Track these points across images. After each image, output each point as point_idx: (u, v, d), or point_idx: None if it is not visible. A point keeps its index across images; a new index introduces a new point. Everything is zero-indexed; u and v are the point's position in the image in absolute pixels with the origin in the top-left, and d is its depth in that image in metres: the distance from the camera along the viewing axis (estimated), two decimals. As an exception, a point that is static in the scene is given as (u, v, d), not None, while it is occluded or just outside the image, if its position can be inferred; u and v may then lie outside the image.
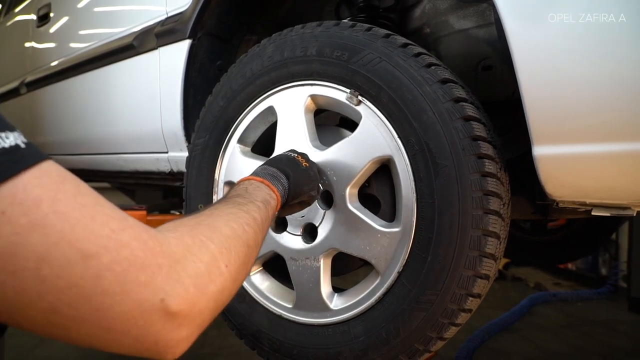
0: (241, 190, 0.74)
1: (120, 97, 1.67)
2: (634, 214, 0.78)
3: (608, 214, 0.79)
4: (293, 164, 0.87)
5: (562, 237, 2.35)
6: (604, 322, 3.51)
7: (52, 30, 2.17)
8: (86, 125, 1.91)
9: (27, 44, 2.41)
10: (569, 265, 4.70)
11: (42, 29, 2.24)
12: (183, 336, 0.45)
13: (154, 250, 0.44)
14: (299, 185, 0.85)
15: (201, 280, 0.47)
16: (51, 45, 2.20)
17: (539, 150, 0.76)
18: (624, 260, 4.21)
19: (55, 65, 2.10)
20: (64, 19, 2.07)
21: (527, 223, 2.44)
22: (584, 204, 0.80)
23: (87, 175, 2.26)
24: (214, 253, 0.51)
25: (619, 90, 0.67)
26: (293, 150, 0.93)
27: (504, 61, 1.08)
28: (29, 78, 2.33)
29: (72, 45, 2.00)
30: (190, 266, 0.46)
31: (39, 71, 2.24)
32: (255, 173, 0.83)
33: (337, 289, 1.00)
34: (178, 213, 2.29)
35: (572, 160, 0.73)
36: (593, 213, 0.80)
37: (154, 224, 1.55)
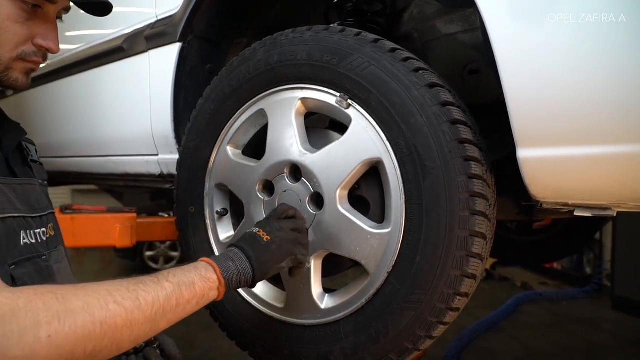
0: (174, 269, 0.74)
1: (110, 99, 1.67)
2: (615, 215, 0.81)
3: (590, 215, 0.81)
4: (253, 241, 0.86)
5: (547, 237, 2.39)
6: (589, 320, 3.58)
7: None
8: (75, 128, 1.89)
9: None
10: (555, 265, 4.77)
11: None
12: None
13: None
14: (263, 262, 0.84)
15: (6, 343, 0.51)
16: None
17: (523, 153, 0.78)
18: (608, 260, 4.28)
19: (43, 67, 2.08)
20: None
21: (513, 223, 2.47)
22: (567, 205, 0.82)
23: (76, 177, 2.24)
24: (40, 321, 0.54)
25: (598, 95, 0.70)
26: (260, 223, 0.92)
27: (489, 65, 1.10)
28: (16, 80, 2.30)
29: (61, 47, 1.98)
30: (3, 327, 0.51)
31: (26, 73, 2.22)
32: (217, 255, 0.85)
33: (327, 289, 1.01)
34: (167, 215, 2.28)
35: (554, 162, 0.75)
36: (575, 213, 0.83)
37: (143, 227, 1.55)
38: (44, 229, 0.85)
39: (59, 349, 0.55)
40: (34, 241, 0.81)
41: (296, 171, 0.99)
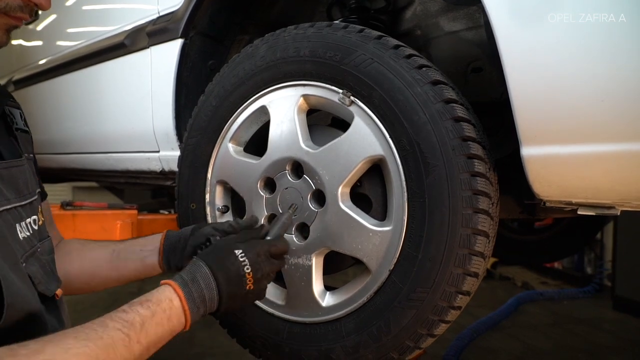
0: (148, 313, 0.67)
1: (111, 96, 1.66)
2: (618, 213, 0.81)
3: (593, 213, 0.81)
4: (236, 285, 0.77)
5: (548, 237, 2.39)
6: (589, 320, 3.57)
7: (40, 27, 2.15)
8: (76, 124, 1.89)
9: (15, 42, 2.38)
10: (556, 265, 4.77)
11: (30, 26, 2.21)
12: None
13: None
14: (229, 309, 0.78)
15: None
16: (40, 43, 2.18)
17: (527, 151, 0.78)
18: (608, 260, 4.28)
19: (44, 64, 2.09)
20: (53, 17, 2.06)
21: (514, 222, 2.47)
22: (570, 204, 0.82)
23: (77, 174, 2.24)
24: None
25: (604, 92, 0.69)
26: (255, 259, 0.80)
27: (493, 63, 1.10)
28: (17, 76, 2.30)
29: (62, 43, 1.98)
30: None
31: (27, 69, 2.22)
32: (191, 284, 0.74)
33: (328, 287, 1.01)
34: (167, 212, 2.28)
35: (559, 160, 0.75)
36: (579, 212, 0.82)
37: (144, 224, 1.55)
38: (34, 217, 0.79)
39: None
40: (28, 234, 0.75)
41: (298, 168, 0.99)
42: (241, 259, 0.79)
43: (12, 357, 0.52)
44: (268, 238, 0.88)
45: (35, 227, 0.80)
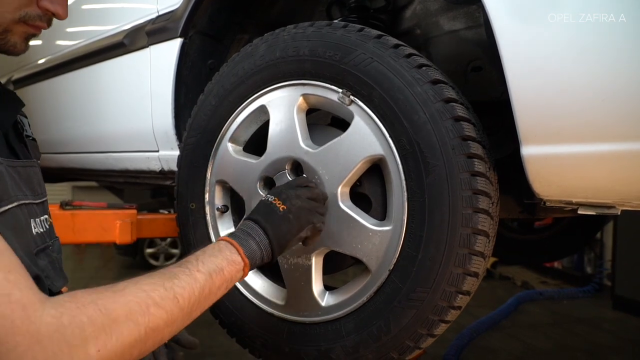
0: (199, 252, 0.75)
1: (110, 95, 1.66)
2: (619, 213, 0.80)
3: (594, 213, 0.81)
4: (269, 212, 0.84)
5: (548, 236, 2.38)
6: (589, 320, 3.57)
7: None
8: (76, 124, 1.89)
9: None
10: (555, 264, 4.77)
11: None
12: None
13: (17, 329, 0.49)
14: (281, 236, 0.83)
15: None
16: (39, 42, 2.17)
17: (527, 150, 0.77)
18: (608, 259, 4.28)
19: (43, 63, 2.08)
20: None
21: (514, 222, 2.47)
22: (571, 203, 0.82)
23: (77, 174, 2.24)
24: (88, 337, 0.54)
25: (604, 92, 0.69)
26: (274, 191, 0.90)
27: (493, 62, 1.09)
28: (16, 75, 2.30)
29: (61, 42, 1.98)
30: (52, 348, 0.51)
31: (27, 68, 2.22)
32: (235, 231, 0.83)
33: (328, 287, 1.00)
34: (167, 212, 2.28)
35: (559, 160, 0.75)
36: (579, 212, 0.82)
37: (144, 223, 1.54)
38: (46, 216, 0.82)
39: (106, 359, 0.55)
40: (42, 230, 0.78)
41: (297, 168, 0.99)
42: (265, 197, 0.89)
43: (94, 290, 0.58)
44: None
45: (47, 226, 0.81)
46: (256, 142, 1.09)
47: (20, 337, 0.49)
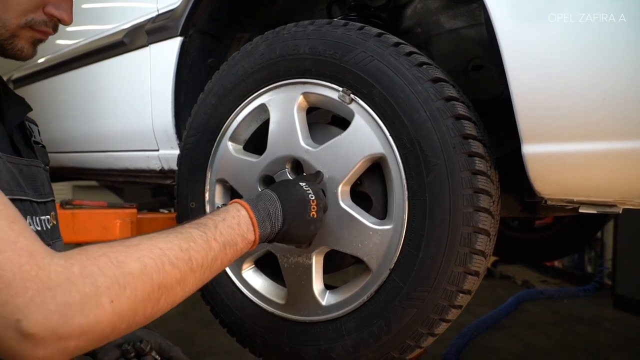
0: (218, 218, 0.72)
1: (110, 94, 1.66)
2: (620, 211, 0.80)
3: (595, 212, 0.80)
4: (302, 209, 0.83)
5: (549, 235, 2.38)
6: (589, 319, 3.57)
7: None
8: (76, 123, 1.89)
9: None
10: (556, 263, 4.77)
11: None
12: (39, 356, 0.48)
13: (26, 274, 0.47)
14: (292, 235, 0.83)
15: (69, 311, 0.49)
16: (39, 41, 2.17)
17: (528, 149, 0.77)
18: (609, 258, 4.28)
19: (42, 62, 2.08)
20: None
21: (515, 221, 2.47)
22: (572, 202, 0.81)
23: (77, 173, 2.24)
24: (100, 287, 0.51)
25: (606, 90, 0.69)
26: (314, 189, 0.87)
27: (494, 61, 1.09)
28: (16, 75, 2.29)
29: (61, 41, 1.97)
30: (63, 295, 0.49)
31: (26, 68, 2.21)
32: (256, 201, 0.80)
33: (328, 286, 1.00)
34: (167, 211, 2.27)
35: (560, 158, 0.74)
36: (580, 210, 0.82)
37: (144, 222, 1.54)
38: (48, 217, 0.81)
39: (122, 313, 0.53)
40: (39, 229, 0.77)
41: (298, 167, 0.99)
42: (305, 188, 0.85)
43: (105, 244, 0.56)
44: None
45: (49, 226, 0.81)
46: (256, 141, 1.09)
47: (30, 282, 0.47)
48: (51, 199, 0.85)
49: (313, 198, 0.85)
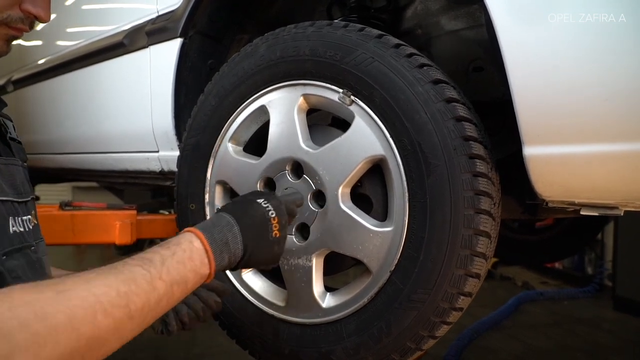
0: (167, 252, 0.65)
1: (110, 95, 1.65)
2: (622, 214, 0.80)
3: (596, 214, 0.80)
4: (263, 230, 0.76)
5: (549, 237, 2.38)
6: (589, 320, 3.56)
7: (39, 27, 2.14)
8: (75, 124, 1.88)
9: (14, 42, 2.37)
10: (556, 265, 4.76)
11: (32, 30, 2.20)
12: None
13: None
14: (255, 261, 0.77)
15: None
16: (39, 42, 2.17)
17: (530, 151, 0.77)
18: (609, 260, 4.27)
19: (43, 63, 2.08)
20: (53, 16, 2.05)
21: (515, 223, 2.46)
22: (573, 204, 0.81)
23: (76, 174, 2.23)
24: (16, 346, 0.46)
25: (607, 92, 0.68)
26: (276, 205, 0.80)
27: (494, 62, 1.09)
28: (16, 76, 2.29)
29: (61, 43, 1.97)
30: None
31: (27, 69, 2.21)
32: (212, 228, 0.72)
33: (329, 288, 1.00)
34: (167, 213, 2.27)
35: (562, 160, 0.74)
36: (582, 212, 0.81)
37: (143, 224, 1.54)
38: (29, 216, 0.79)
39: None
40: (22, 229, 0.74)
41: (298, 168, 0.98)
42: (264, 205, 0.78)
43: (34, 288, 0.51)
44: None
45: (30, 226, 0.79)
46: (256, 143, 1.08)
47: None
48: (31, 197, 0.82)
49: (274, 215, 0.78)
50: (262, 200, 0.80)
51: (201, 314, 0.89)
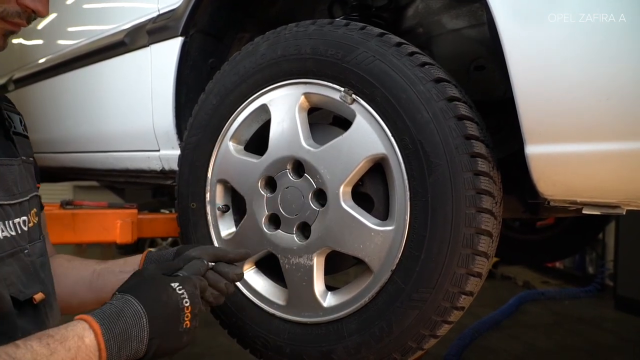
0: (45, 351, 0.56)
1: (111, 94, 1.65)
2: (624, 213, 0.80)
3: (598, 213, 0.80)
4: (174, 321, 0.68)
5: (550, 236, 2.38)
6: (591, 320, 3.57)
7: (40, 26, 2.14)
8: (76, 123, 1.89)
9: (15, 41, 2.38)
10: (557, 264, 4.76)
11: (30, 25, 2.20)
12: None
13: None
14: (160, 354, 0.68)
15: None
16: (40, 41, 2.17)
17: (531, 150, 0.77)
18: (610, 259, 4.27)
19: (44, 62, 2.08)
20: (53, 15, 2.05)
21: (516, 222, 2.46)
22: (575, 203, 0.81)
23: (77, 173, 2.23)
24: None
25: (609, 90, 0.68)
26: (187, 282, 0.73)
27: (496, 61, 1.09)
28: (17, 75, 2.29)
29: (62, 42, 1.97)
30: None
31: (27, 68, 2.21)
32: (115, 318, 0.64)
33: (330, 287, 1.00)
34: (168, 212, 2.27)
35: (564, 159, 0.74)
36: (584, 212, 0.81)
37: (144, 223, 1.54)
38: (24, 218, 0.76)
39: None
40: (14, 233, 0.72)
41: (299, 167, 0.98)
42: (179, 292, 0.71)
43: None
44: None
45: (25, 228, 0.77)
46: (257, 142, 1.08)
47: None
48: (30, 196, 0.79)
49: (188, 304, 0.70)
50: (176, 285, 0.72)
51: (224, 290, 0.81)
